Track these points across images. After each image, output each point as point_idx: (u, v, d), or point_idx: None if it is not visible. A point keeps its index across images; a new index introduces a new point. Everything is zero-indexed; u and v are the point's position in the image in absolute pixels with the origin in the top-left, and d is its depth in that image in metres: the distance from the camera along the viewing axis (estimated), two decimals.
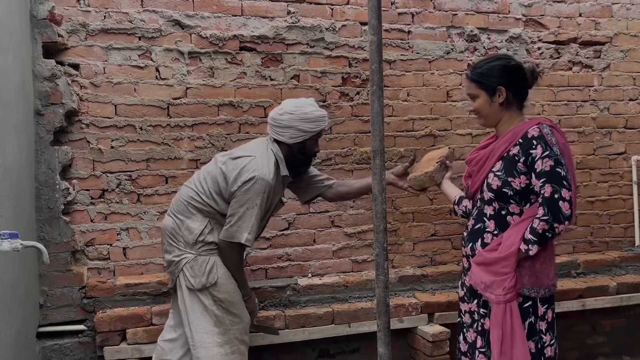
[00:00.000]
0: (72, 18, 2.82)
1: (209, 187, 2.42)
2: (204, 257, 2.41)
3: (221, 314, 2.41)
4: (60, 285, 2.79)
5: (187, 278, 2.39)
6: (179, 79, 2.99)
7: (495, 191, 2.06)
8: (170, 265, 2.47)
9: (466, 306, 2.24)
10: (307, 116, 2.39)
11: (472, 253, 2.17)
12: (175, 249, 2.44)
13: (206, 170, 2.48)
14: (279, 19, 3.13)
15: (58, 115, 2.74)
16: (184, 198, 2.46)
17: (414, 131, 3.41)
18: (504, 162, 2.05)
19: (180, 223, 2.43)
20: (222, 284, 2.40)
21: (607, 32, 3.73)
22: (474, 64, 2.20)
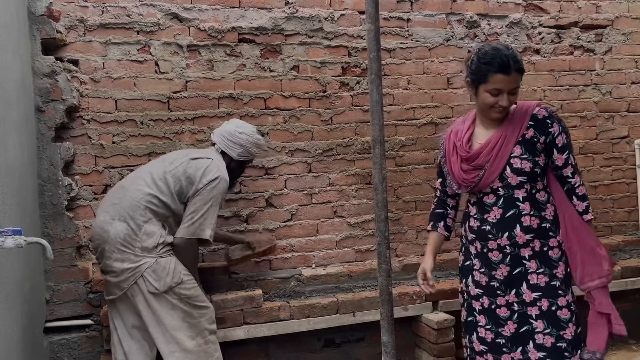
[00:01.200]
0: (70, 14, 2.82)
1: (170, 187, 2.44)
2: (165, 259, 2.41)
3: (189, 309, 2.43)
4: (66, 281, 2.81)
5: (150, 282, 2.37)
6: (178, 73, 2.99)
7: (529, 173, 2.06)
8: (123, 273, 2.37)
9: (502, 300, 2.12)
10: (258, 142, 2.67)
11: (510, 241, 2.08)
12: (130, 255, 2.37)
13: (162, 170, 2.47)
14: (277, 10, 3.12)
15: (59, 112, 2.75)
16: (140, 202, 2.40)
17: (415, 120, 3.40)
18: (524, 145, 2.06)
19: (137, 228, 2.38)
20: (186, 281, 2.43)
21: (608, 15, 3.70)
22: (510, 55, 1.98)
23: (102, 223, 2.42)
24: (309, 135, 3.23)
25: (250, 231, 3.14)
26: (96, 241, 2.45)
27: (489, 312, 2.16)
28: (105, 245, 2.40)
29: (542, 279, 2.08)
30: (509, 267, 2.11)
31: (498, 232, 2.12)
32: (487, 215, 2.14)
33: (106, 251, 2.40)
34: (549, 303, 2.07)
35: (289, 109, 3.18)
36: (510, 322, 2.11)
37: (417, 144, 3.41)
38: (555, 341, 2.05)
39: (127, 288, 2.39)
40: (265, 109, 3.14)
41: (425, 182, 3.43)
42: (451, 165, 2.20)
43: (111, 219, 2.41)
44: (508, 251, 2.11)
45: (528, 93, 3.58)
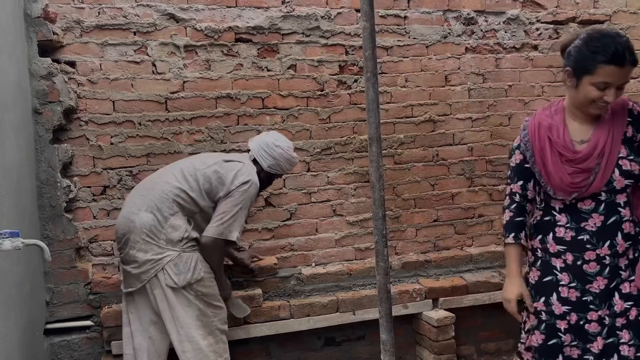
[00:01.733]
0: (67, 15, 2.82)
1: (200, 184, 2.47)
2: (188, 254, 2.43)
3: (204, 307, 2.45)
4: (65, 282, 2.81)
5: (170, 276, 2.38)
6: (175, 73, 2.99)
7: (637, 176, 1.88)
8: (145, 264, 2.39)
9: (594, 315, 1.92)
10: (292, 160, 2.69)
11: (612, 251, 1.90)
12: (154, 246, 2.39)
13: (193, 168, 2.50)
14: (273, 9, 3.12)
15: (56, 114, 2.75)
16: (169, 194, 2.43)
17: (413, 117, 3.39)
18: (627, 145, 1.88)
19: (163, 220, 2.41)
20: (206, 279, 2.46)
21: (606, 10, 3.69)
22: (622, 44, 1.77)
23: (129, 214, 2.45)
24: (307, 134, 3.22)
25: (249, 231, 3.14)
26: (120, 231, 2.47)
27: (577, 329, 1.94)
28: (130, 235, 2.42)
29: (635, 287, 1.90)
30: (607, 280, 1.91)
31: (598, 242, 1.91)
32: (584, 223, 1.92)
33: (130, 241, 2.42)
34: (637, 312, 1.89)
35: (287, 108, 3.18)
36: (599, 337, 1.92)
37: (416, 141, 3.40)
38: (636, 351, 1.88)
39: (147, 280, 2.41)
40: (263, 108, 3.14)
41: (424, 179, 3.43)
42: (549, 166, 1.93)
43: (138, 210, 2.43)
44: (607, 262, 1.91)
45: (527, 89, 3.58)
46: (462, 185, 3.50)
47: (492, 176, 3.53)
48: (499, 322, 3.38)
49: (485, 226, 3.55)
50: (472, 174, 3.51)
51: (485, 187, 3.54)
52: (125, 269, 2.48)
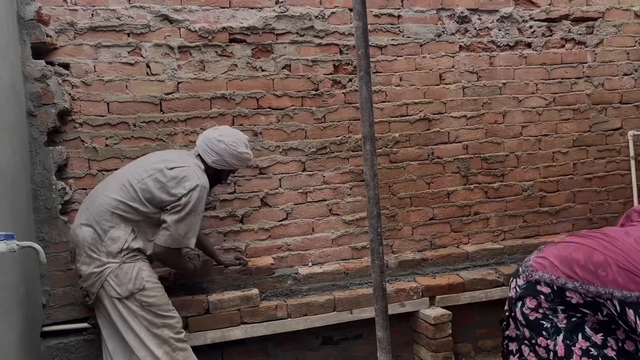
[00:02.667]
0: (60, 17, 2.81)
1: (138, 194, 2.44)
2: (129, 264, 2.43)
3: (151, 318, 2.44)
4: (62, 285, 2.81)
5: (113, 287, 2.40)
6: (170, 74, 2.99)
7: None
8: (89, 277, 2.42)
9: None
10: (238, 155, 2.61)
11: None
12: (95, 260, 2.41)
13: (132, 177, 2.47)
14: (267, 9, 3.12)
15: (51, 116, 2.74)
16: (107, 207, 2.42)
17: (408, 116, 3.40)
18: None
19: (103, 233, 2.42)
20: (149, 288, 2.45)
21: (599, 7, 3.70)
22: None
23: (75, 227, 2.50)
24: (303, 133, 3.23)
25: (245, 231, 3.15)
26: (70, 244, 2.54)
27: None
28: (76, 249, 2.47)
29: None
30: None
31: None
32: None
33: (77, 254, 2.46)
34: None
35: (282, 108, 3.18)
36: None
37: (411, 140, 3.41)
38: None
39: (95, 292, 2.44)
40: (258, 109, 3.14)
41: (419, 178, 3.43)
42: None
43: (80, 224, 2.46)
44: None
45: (521, 87, 3.59)
46: (457, 183, 3.51)
47: (487, 174, 3.54)
48: (496, 320, 3.38)
49: (481, 224, 3.56)
50: (468, 171, 3.51)
51: (481, 184, 3.55)
52: (80, 281, 2.52)
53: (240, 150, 2.61)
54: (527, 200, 3.63)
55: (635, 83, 3.81)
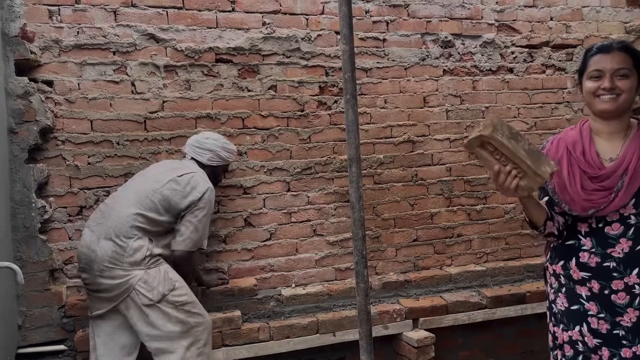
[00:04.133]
0: (45, 34, 2.80)
1: (156, 204, 2.52)
2: (154, 269, 2.47)
3: (184, 317, 2.47)
4: (38, 305, 2.74)
5: (143, 294, 2.40)
6: (155, 93, 2.98)
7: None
8: (114, 288, 2.42)
9: (628, 352, 1.79)
10: (226, 146, 2.81)
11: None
12: (119, 271, 2.41)
13: (148, 188, 2.54)
14: (254, 30, 3.14)
15: (32, 133, 2.71)
16: (127, 220, 2.46)
17: (392, 138, 3.43)
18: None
19: (125, 245, 2.43)
20: (179, 287, 2.49)
21: (579, 35, 3.80)
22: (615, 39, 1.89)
23: (89, 243, 2.47)
24: (288, 154, 3.23)
25: (228, 252, 3.12)
26: (83, 260, 2.48)
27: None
28: (94, 264, 2.43)
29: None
30: (639, 312, 1.78)
31: (626, 269, 1.79)
32: (611, 249, 1.81)
33: (95, 270, 2.42)
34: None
35: (267, 128, 3.18)
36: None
37: (395, 161, 3.43)
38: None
39: (118, 302, 2.41)
40: (244, 128, 3.14)
41: (403, 199, 3.45)
42: (566, 182, 1.84)
43: (97, 239, 2.45)
44: (637, 292, 1.78)
45: (503, 111, 3.65)
46: (440, 205, 3.53)
47: (470, 196, 3.57)
48: (479, 342, 3.39)
49: (464, 246, 3.58)
50: (451, 193, 3.54)
51: (464, 206, 3.57)
52: (93, 295, 2.47)
53: (226, 142, 2.82)
54: (509, 223, 3.66)
55: None
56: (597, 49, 1.82)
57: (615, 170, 1.78)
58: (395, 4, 3.40)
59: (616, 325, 1.80)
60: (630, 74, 1.78)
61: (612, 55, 1.78)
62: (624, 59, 1.78)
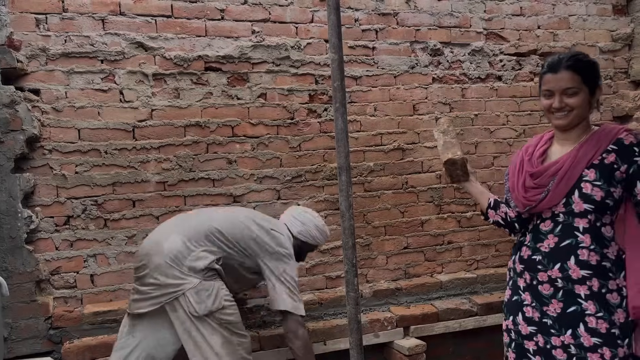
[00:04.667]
0: (32, 43, 2.77)
1: (237, 238, 2.51)
2: (209, 282, 2.39)
3: (228, 335, 2.41)
4: (25, 317, 2.70)
5: (191, 304, 2.34)
6: (143, 101, 2.96)
7: (598, 202, 1.85)
8: (165, 287, 2.35)
9: (557, 340, 1.93)
10: (320, 228, 2.78)
11: (563, 274, 1.91)
12: (176, 272, 2.36)
13: (239, 218, 2.56)
14: (243, 39, 3.13)
15: (19, 142, 2.68)
16: (204, 230, 2.45)
17: (382, 145, 3.43)
18: (599, 171, 1.85)
19: (192, 248, 2.41)
20: (227, 307, 2.42)
21: (566, 43, 3.84)
22: (567, 56, 1.90)
23: (158, 237, 2.46)
24: (278, 162, 3.22)
25: None
26: (144, 252, 2.45)
27: (545, 353, 1.96)
28: (154, 257, 2.39)
29: (603, 325, 1.85)
30: (562, 303, 1.91)
31: (550, 263, 1.94)
32: (540, 244, 1.97)
33: (152, 262, 2.38)
34: (612, 354, 1.83)
35: (257, 136, 3.17)
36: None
37: (385, 169, 3.43)
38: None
39: (164, 302, 2.36)
40: (233, 137, 3.13)
41: (394, 207, 3.45)
42: (514, 181, 2.03)
43: (168, 235, 2.44)
44: (560, 285, 1.92)
45: (492, 118, 3.67)
46: (431, 212, 3.54)
47: (460, 203, 3.58)
48: (470, 349, 3.39)
49: (455, 253, 3.58)
50: (441, 201, 3.55)
51: (454, 214, 3.58)
52: (141, 289, 2.42)
53: (322, 224, 2.79)
54: (499, 230, 3.65)
55: (600, 116, 3.93)
56: (548, 67, 1.91)
57: (546, 169, 1.93)
58: (384, 12, 3.42)
59: (544, 314, 1.96)
60: (579, 90, 1.86)
61: (560, 75, 1.87)
62: (571, 78, 1.86)
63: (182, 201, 3.03)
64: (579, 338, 1.88)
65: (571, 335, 1.89)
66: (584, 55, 1.94)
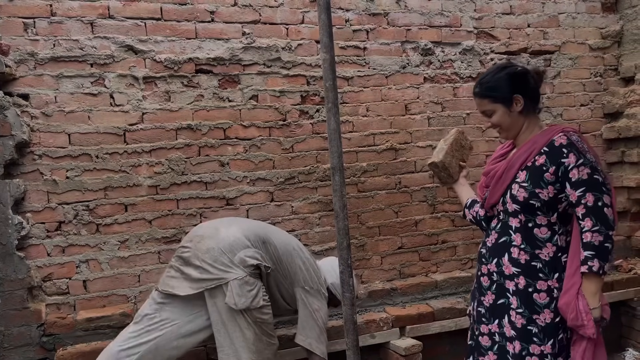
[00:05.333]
0: (20, 48, 2.74)
1: (287, 259, 2.53)
2: (253, 279, 2.40)
3: (260, 333, 2.41)
4: (17, 324, 2.67)
5: (232, 295, 2.32)
6: (134, 105, 2.94)
7: (522, 203, 1.95)
8: (210, 272, 2.34)
9: (485, 328, 2.09)
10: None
11: (498, 269, 2.04)
12: (225, 259, 2.36)
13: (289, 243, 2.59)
14: (234, 41, 3.12)
15: (8, 148, 2.65)
16: (265, 238, 2.48)
17: (375, 145, 3.43)
18: (529, 172, 1.94)
19: (248, 244, 2.42)
20: (265, 306, 2.42)
21: (555, 41, 3.85)
22: (478, 79, 2.10)
23: (218, 224, 2.51)
24: (270, 164, 3.21)
25: None
26: (199, 232, 2.46)
27: (476, 339, 2.14)
28: (208, 240, 2.40)
29: (519, 320, 1.97)
30: (494, 296, 2.06)
31: (490, 257, 2.09)
32: (487, 238, 2.13)
33: (204, 244, 2.38)
34: (521, 347, 1.96)
35: (249, 138, 3.16)
36: (490, 352, 2.06)
37: (379, 169, 3.43)
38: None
39: (205, 288, 2.34)
40: (225, 139, 3.11)
41: (387, 207, 3.45)
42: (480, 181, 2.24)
43: (229, 225, 2.48)
44: (495, 279, 2.06)
45: (483, 117, 3.66)
46: (425, 212, 3.54)
47: (453, 202, 3.58)
48: (466, 349, 3.38)
49: (449, 252, 3.58)
50: (435, 200, 3.55)
51: (448, 213, 3.58)
52: (183, 269, 2.39)
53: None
54: None
55: (591, 113, 3.95)
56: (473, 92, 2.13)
57: (490, 170, 2.12)
58: (375, 12, 3.42)
59: (480, 304, 2.13)
60: (493, 110, 2.04)
61: (476, 101, 2.11)
62: (480, 103, 2.08)
63: (175, 205, 3.01)
64: (503, 328, 2.02)
65: (497, 324, 2.05)
66: (497, 72, 2.04)
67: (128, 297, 2.93)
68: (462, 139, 2.42)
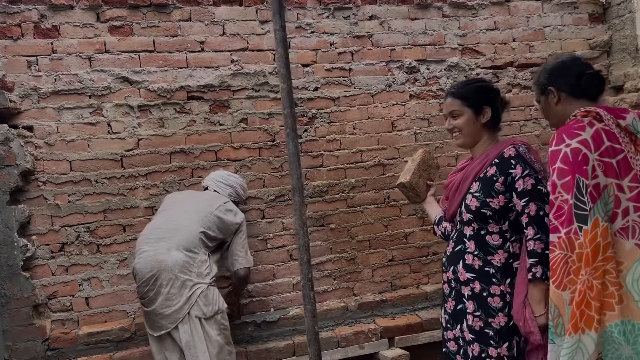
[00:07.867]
0: (24, 83, 2.99)
1: (213, 225, 2.76)
2: (213, 287, 2.65)
3: (222, 343, 2.62)
4: (23, 340, 2.87)
5: (200, 307, 2.56)
6: (130, 132, 3.15)
7: (474, 212, 2.05)
8: (181, 300, 2.54)
9: (450, 333, 2.19)
10: (244, 186, 3.13)
11: (454, 276, 2.15)
12: (187, 281, 2.57)
13: (206, 210, 2.78)
14: (223, 68, 3.31)
15: (13, 176, 2.88)
16: (195, 236, 2.68)
17: (363, 162, 3.55)
18: (481, 183, 2.05)
19: (194, 257, 2.63)
20: (224, 311, 2.67)
21: (542, 54, 3.92)
22: (456, 83, 2.28)
23: (156, 254, 2.59)
24: (261, 182, 3.36)
25: None
26: (148, 273, 2.57)
27: (445, 344, 2.24)
28: (162, 274, 2.56)
29: (477, 323, 2.07)
30: (454, 302, 2.17)
31: (448, 265, 2.21)
32: (447, 247, 2.26)
33: (162, 279, 2.55)
34: (480, 349, 2.05)
35: (240, 159, 3.33)
36: (458, 356, 2.16)
37: (367, 184, 3.55)
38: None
39: (181, 318, 2.54)
40: (217, 161, 3.29)
41: (377, 221, 3.55)
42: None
43: (167, 250, 2.60)
44: (453, 285, 2.18)
45: None
46: (414, 224, 3.63)
47: None
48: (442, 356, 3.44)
49: (439, 263, 3.64)
50: (424, 213, 3.64)
51: None
52: (156, 310, 2.56)
53: (244, 182, 3.15)
54: None
55: None
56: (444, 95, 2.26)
57: (448, 184, 2.27)
58: (359, 35, 3.56)
59: (445, 311, 2.23)
60: (461, 112, 2.15)
61: (447, 101, 2.21)
62: (452, 103, 2.17)
63: None
64: (463, 332, 2.12)
65: (459, 329, 2.15)
66: (475, 82, 2.21)
67: (127, 312, 3.12)
68: (429, 158, 2.53)
